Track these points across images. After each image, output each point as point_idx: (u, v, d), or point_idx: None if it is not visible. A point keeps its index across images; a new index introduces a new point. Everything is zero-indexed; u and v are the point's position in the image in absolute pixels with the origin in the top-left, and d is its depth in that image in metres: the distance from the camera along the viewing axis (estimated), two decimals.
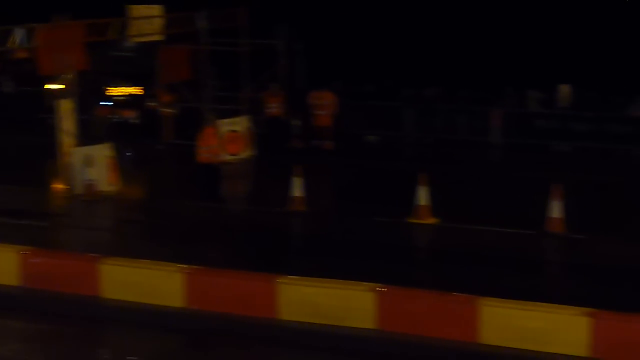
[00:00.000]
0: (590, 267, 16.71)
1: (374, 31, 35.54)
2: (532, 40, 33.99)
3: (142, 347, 13.92)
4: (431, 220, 19.48)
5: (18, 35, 21.01)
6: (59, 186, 22.43)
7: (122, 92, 30.15)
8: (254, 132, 26.91)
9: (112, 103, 29.82)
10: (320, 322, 13.88)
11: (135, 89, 30.26)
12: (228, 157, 25.41)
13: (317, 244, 18.46)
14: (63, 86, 22.14)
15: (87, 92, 29.13)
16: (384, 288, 13.80)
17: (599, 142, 27.02)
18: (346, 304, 13.84)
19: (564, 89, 28.08)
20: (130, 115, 29.59)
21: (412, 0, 36.58)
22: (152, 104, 29.23)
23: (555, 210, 18.45)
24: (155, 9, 25.65)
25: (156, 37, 26.21)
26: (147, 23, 25.25)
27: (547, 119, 27.96)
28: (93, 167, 21.82)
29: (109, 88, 30.07)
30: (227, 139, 25.77)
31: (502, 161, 27.10)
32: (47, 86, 23.75)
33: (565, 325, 12.81)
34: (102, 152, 22.37)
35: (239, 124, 26.28)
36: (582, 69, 30.66)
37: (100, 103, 29.63)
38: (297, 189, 20.47)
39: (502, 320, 13.07)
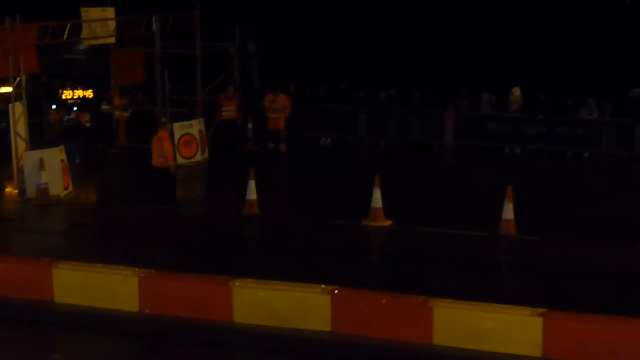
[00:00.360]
0: (542, 268, 16.91)
1: (328, 33, 35.61)
2: (485, 42, 34.28)
3: (97, 351, 13.85)
4: (386, 223, 19.57)
5: None
6: (11, 190, 22.24)
7: (75, 95, 29.92)
8: (209, 136, 26.88)
9: (65, 106, 29.56)
10: (275, 324, 13.90)
11: (88, 92, 30.06)
12: (182, 161, 25.38)
13: (272, 247, 18.49)
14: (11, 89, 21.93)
15: (40, 96, 28.97)
16: (339, 290, 13.87)
17: (550, 144, 27.36)
18: (301, 306, 13.87)
19: (516, 92, 28.35)
20: (84, 118, 29.38)
21: (365, 3, 36.71)
22: (106, 107, 29.06)
23: (508, 212, 18.64)
24: (109, 12, 25.53)
25: (109, 40, 26.10)
26: (100, 26, 25.11)
27: (500, 122, 28.24)
28: (46, 170, 21.64)
29: (62, 91, 29.83)
30: (182, 142, 25.73)
31: (456, 163, 27.34)
32: (1, 89, 23.53)
33: (518, 326, 12.95)
34: (55, 156, 22.18)
35: (193, 127, 26.22)
36: (533, 72, 30.98)
37: (53, 106, 29.38)
38: (252, 192, 20.46)
39: (455, 321, 13.18)
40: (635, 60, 30.98)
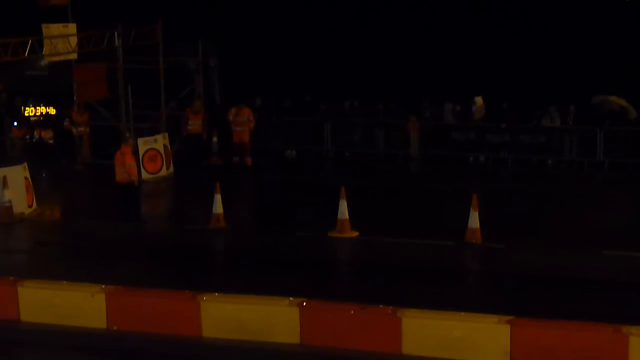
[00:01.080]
0: (508, 275, 17.00)
1: (291, 46, 35.68)
2: (447, 53, 34.49)
3: None
4: (352, 234, 19.60)
5: None
6: None
7: (37, 112, 29.71)
8: (174, 150, 26.80)
9: (27, 123, 29.34)
10: (244, 338, 13.88)
11: (50, 108, 29.86)
12: (148, 176, 25.28)
13: (239, 261, 18.45)
14: None
15: (1, 113, 28.73)
16: (307, 303, 13.87)
17: (514, 152, 27.55)
18: (270, 319, 13.87)
19: (479, 101, 28.55)
20: (46, 135, 29.17)
21: (327, 15, 36.84)
22: (67, 124, 28.87)
23: (473, 220, 18.74)
24: (70, 28, 25.40)
25: (71, 56, 25.96)
26: (62, 42, 24.98)
27: (463, 131, 28.40)
28: (9, 188, 21.44)
29: (23, 108, 29.61)
30: (146, 157, 25.63)
31: (421, 173, 27.45)
32: None
33: (486, 334, 13.03)
34: (18, 173, 21.98)
35: (158, 142, 26.13)
36: (495, 81, 31.20)
37: (15, 123, 29.14)
38: (218, 206, 20.42)
39: (424, 330, 13.24)
40: (596, 68, 31.34)
